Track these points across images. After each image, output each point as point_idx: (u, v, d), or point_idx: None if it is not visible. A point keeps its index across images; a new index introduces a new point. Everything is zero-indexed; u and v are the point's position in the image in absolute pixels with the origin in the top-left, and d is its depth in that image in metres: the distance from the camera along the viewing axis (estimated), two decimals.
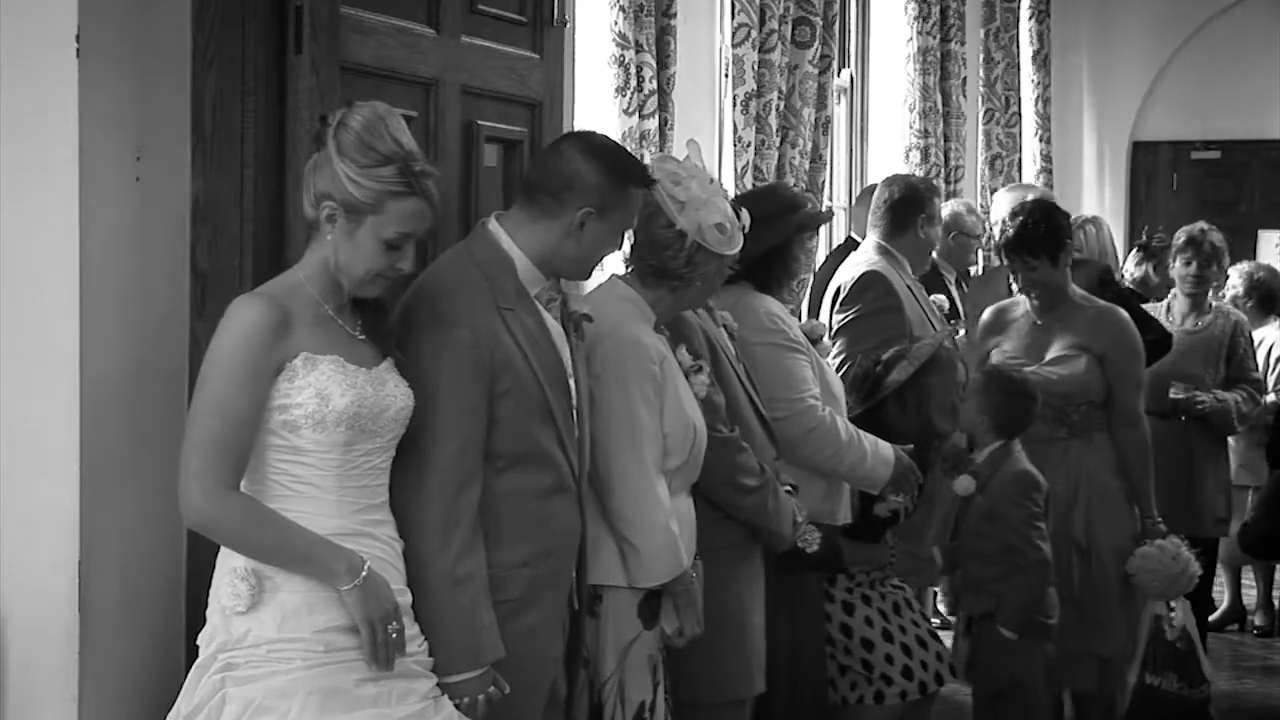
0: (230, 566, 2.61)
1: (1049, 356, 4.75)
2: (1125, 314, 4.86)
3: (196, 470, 2.55)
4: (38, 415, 2.81)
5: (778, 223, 3.98)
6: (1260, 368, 6.15)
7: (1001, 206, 6.10)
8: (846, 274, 4.98)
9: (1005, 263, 4.91)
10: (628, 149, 3.36)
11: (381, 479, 2.74)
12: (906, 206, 4.98)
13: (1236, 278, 6.64)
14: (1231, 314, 5.95)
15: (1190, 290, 5.87)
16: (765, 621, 3.79)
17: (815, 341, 4.14)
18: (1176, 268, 5.91)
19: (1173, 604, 4.81)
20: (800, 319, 4.62)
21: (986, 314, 5.00)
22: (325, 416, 2.61)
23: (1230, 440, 6.02)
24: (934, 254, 5.34)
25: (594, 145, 3.12)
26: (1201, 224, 6.02)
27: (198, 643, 2.66)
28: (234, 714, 2.56)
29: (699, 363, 3.55)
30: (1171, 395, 5.64)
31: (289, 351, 2.61)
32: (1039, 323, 4.81)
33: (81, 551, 2.79)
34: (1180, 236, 5.94)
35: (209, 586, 2.66)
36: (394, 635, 2.63)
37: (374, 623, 2.60)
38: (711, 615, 3.47)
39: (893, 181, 5.15)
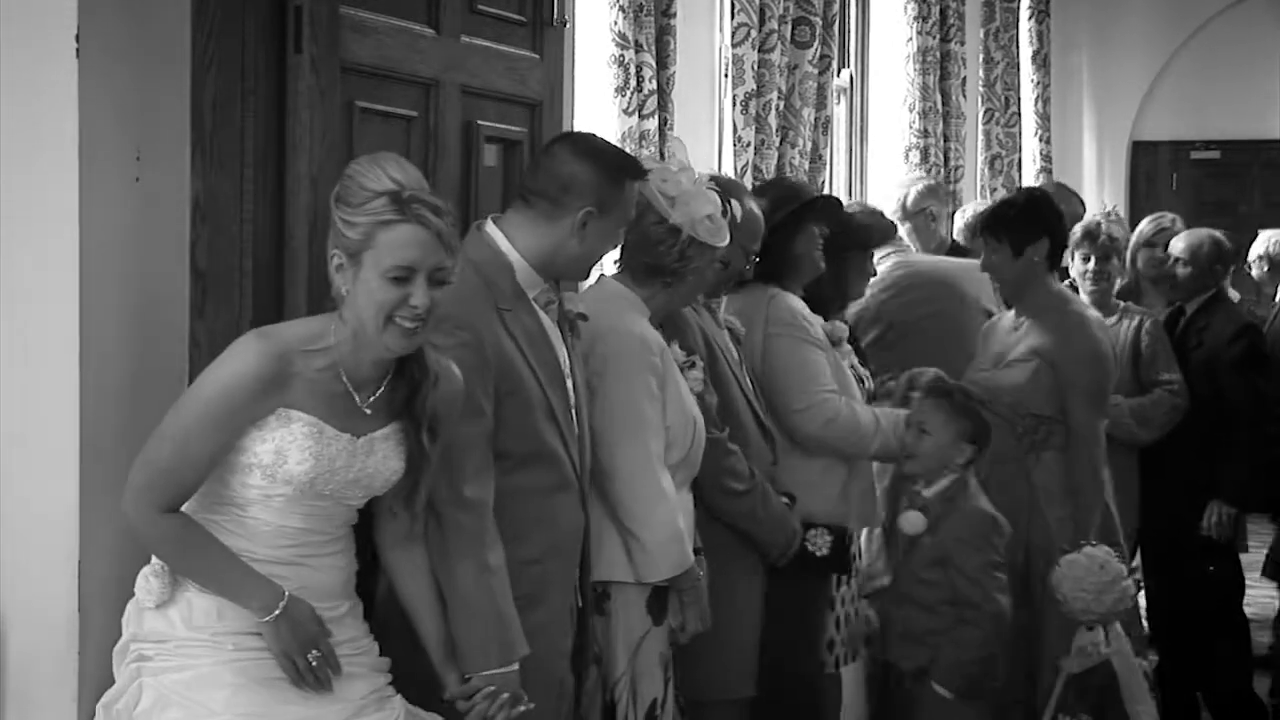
0: (150, 561, 2.65)
1: (1005, 360, 4.41)
2: (1089, 316, 4.52)
3: (137, 486, 2.57)
4: (38, 415, 2.81)
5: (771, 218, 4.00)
6: None
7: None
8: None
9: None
10: (617, 144, 3.39)
11: (337, 520, 2.70)
12: None
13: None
14: (1134, 311, 5.38)
15: (1091, 287, 5.29)
16: (764, 628, 3.80)
17: (836, 343, 4.18)
18: (1075, 264, 5.31)
19: (1108, 631, 4.17)
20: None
21: (985, 326, 4.73)
22: (276, 474, 2.59)
23: None
24: None
25: (587, 145, 3.16)
26: (1099, 214, 5.59)
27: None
28: (148, 703, 2.59)
29: (691, 359, 3.57)
30: None
31: (272, 406, 2.58)
32: (1014, 327, 4.47)
33: (81, 551, 2.79)
34: (1076, 230, 5.28)
35: None
36: (314, 663, 2.61)
37: (292, 655, 2.60)
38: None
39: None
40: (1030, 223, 4.44)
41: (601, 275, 3.65)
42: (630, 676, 3.39)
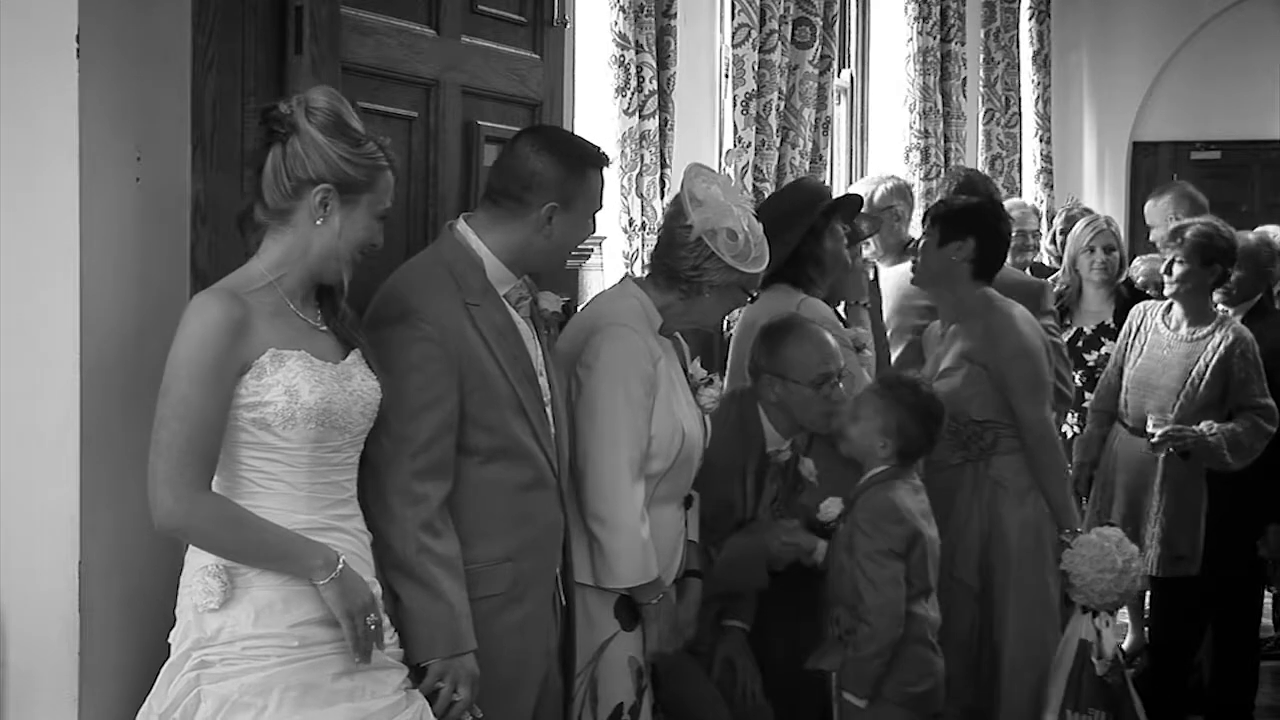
0: (201, 564, 2.61)
1: (940, 370, 4.29)
2: (1015, 313, 4.30)
3: (166, 476, 2.54)
4: (38, 415, 2.81)
5: (795, 219, 4.07)
6: None
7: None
8: None
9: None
10: (580, 135, 3.38)
11: (350, 473, 2.75)
12: None
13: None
14: (1231, 325, 5.03)
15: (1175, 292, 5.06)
16: (766, 625, 3.81)
17: (858, 349, 4.24)
18: (1162, 269, 5.13)
19: (1100, 626, 4.00)
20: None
21: (925, 333, 4.59)
22: (295, 413, 2.61)
23: None
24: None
25: (547, 140, 3.15)
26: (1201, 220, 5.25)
27: (169, 641, 2.66)
28: (210, 711, 2.56)
29: (710, 377, 3.56)
30: (1150, 428, 4.91)
31: (254, 349, 2.61)
32: (942, 334, 4.36)
33: (81, 551, 2.79)
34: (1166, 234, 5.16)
35: None
36: (373, 627, 2.64)
37: (354, 616, 2.62)
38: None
39: None
40: (962, 221, 4.32)
41: (627, 276, 3.65)
42: (590, 676, 3.35)
